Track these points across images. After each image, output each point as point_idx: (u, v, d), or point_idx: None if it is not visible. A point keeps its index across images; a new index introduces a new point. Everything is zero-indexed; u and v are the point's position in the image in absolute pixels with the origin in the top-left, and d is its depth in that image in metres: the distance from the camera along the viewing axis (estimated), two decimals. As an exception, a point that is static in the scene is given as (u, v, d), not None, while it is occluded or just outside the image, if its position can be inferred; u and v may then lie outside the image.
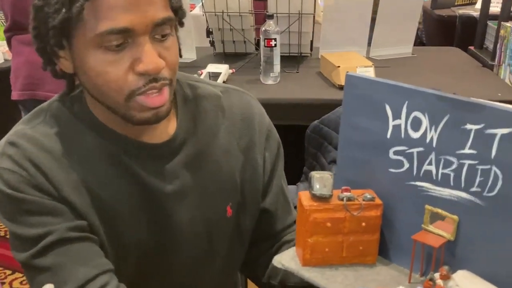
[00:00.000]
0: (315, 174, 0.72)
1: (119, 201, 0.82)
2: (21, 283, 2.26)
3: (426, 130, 0.68)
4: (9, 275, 2.30)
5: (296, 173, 1.35)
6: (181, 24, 0.82)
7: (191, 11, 2.25)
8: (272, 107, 1.03)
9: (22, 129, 0.82)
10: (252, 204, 0.96)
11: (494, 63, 2.04)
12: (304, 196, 0.72)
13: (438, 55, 2.35)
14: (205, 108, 0.91)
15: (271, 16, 1.84)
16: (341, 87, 1.82)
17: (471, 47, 2.31)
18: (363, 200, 0.72)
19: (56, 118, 0.83)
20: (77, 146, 0.82)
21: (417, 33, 2.41)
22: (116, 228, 0.83)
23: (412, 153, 0.70)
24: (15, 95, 1.98)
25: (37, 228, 0.78)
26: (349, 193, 0.72)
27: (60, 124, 0.82)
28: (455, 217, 0.67)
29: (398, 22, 2.17)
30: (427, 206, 0.69)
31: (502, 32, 1.98)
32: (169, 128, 0.87)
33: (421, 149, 0.69)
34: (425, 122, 0.68)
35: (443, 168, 0.67)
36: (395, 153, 0.72)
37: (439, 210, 0.68)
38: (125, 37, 0.72)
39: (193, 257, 0.92)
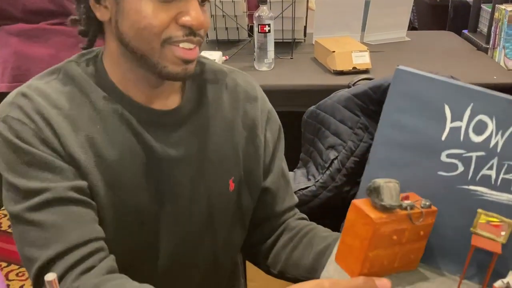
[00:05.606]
0: (383, 183, 0.64)
1: (123, 163, 0.83)
2: (17, 275, 2.23)
3: (491, 135, 0.65)
4: (4, 267, 2.28)
5: (293, 159, 1.34)
6: None
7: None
8: (267, 94, 1.02)
9: (35, 83, 0.82)
10: (253, 181, 0.97)
11: (488, 46, 2.03)
12: (366, 206, 0.64)
13: (433, 39, 2.33)
14: (211, 82, 0.93)
15: (264, 2, 1.81)
16: (336, 72, 1.80)
17: (465, 31, 2.29)
18: (422, 207, 0.66)
19: (70, 77, 0.84)
20: (88, 105, 0.82)
21: (409, 18, 2.39)
22: (118, 192, 0.83)
23: (471, 157, 0.67)
24: (3, 87, 1.93)
25: (35, 182, 0.77)
26: (409, 201, 0.66)
27: (73, 83, 0.83)
28: (511, 221, 0.66)
29: (392, 6, 2.15)
30: (479, 210, 0.67)
31: (496, 14, 1.97)
32: (177, 99, 0.90)
33: (482, 153, 0.66)
34: (491, 126, 0.65)
35: (505, 173, 0.66)
36: (449, 156, 0.68)
37: (494, 214, 0.66)
38: None
39: (193, 232, 0.91)
